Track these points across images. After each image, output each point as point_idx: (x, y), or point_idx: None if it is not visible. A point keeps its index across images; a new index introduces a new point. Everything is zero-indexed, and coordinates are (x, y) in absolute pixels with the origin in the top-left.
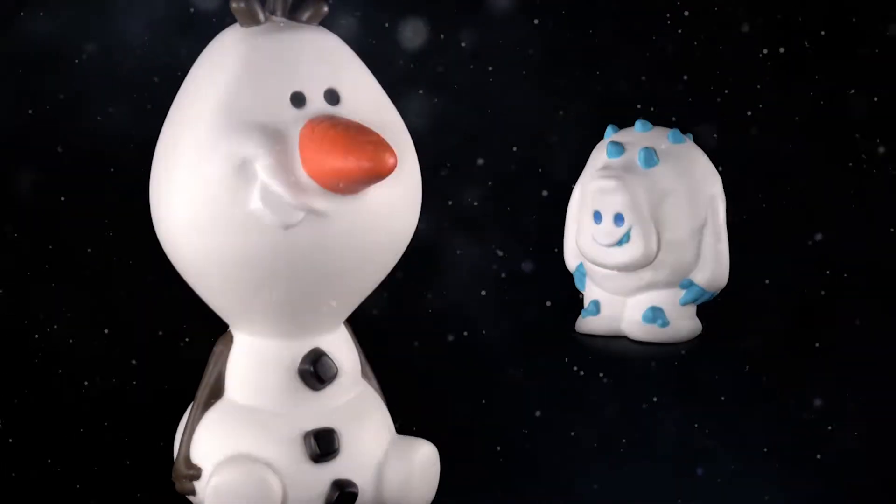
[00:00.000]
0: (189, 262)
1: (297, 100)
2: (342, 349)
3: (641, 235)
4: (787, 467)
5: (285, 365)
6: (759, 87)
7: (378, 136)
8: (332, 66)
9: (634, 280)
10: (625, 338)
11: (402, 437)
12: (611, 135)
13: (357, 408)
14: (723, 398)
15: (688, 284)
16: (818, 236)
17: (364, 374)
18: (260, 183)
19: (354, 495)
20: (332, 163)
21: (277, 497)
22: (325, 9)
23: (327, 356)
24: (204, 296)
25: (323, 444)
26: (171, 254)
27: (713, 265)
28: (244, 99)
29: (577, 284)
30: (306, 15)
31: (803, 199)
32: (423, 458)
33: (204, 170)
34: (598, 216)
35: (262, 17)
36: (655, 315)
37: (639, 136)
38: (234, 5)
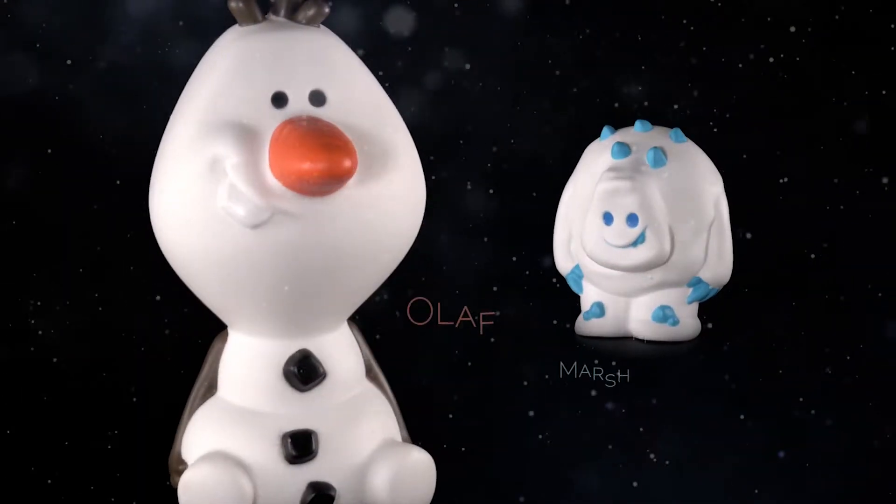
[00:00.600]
0: (175, 260)
1: (279, 100)
2: (337, 351)
3: (656, 235)
4: (788, 468)
5: (272, 365)
6: (756, 85)
7: (339, 138)
8: (321, 67)
9: (644, 280)
10: (631, 338)
11: (397, 443)
12: (608, 136)
13: (348, 410)
14: (744, 394)
15: (696, 282)
16: (819, 235)
17: (371, 377)
18: (228, 181)
19: (331, 498)
20: (291, 164)
21: (246, 497)
22: (327, 10)
23: (312, 358)
24: (196, 293)
25: (298, 446)
26: (163, 250)
27: (719, 263)
28: (226, 98)
29: (573, 287)
30: (306, 15)
31: (802, 200)
32: (411, 465)
33: (182, 168)
34: (608, 217)
35: (258, 16)
36: (666, 314)
37: (639, 136)
38: (231, 4)
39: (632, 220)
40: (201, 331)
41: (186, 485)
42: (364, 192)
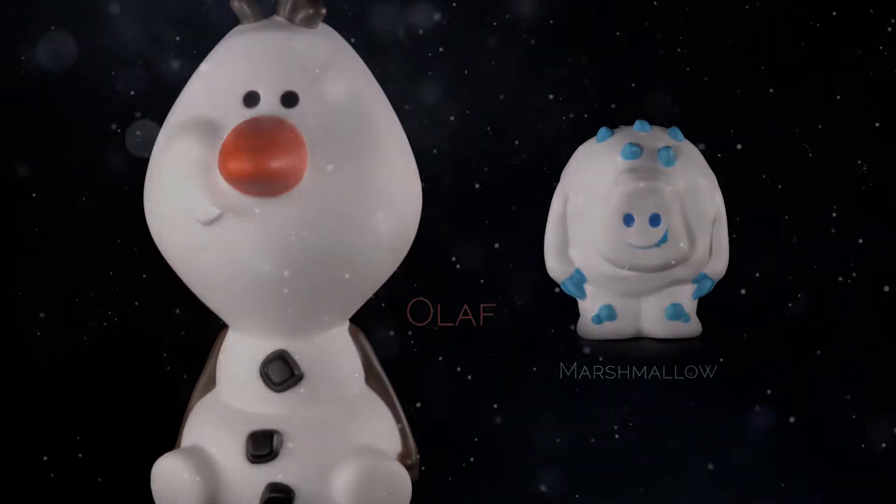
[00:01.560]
0: (165, 255)
1: (251, 99)
2: (322, 354)
3: (679, 234)
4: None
5: (253, 363)
6: (748, 79)
7: (273, 140)
8: (300, 68)
9: (659, 279)
10: (643, 339)
11: (371, 451)
12: (606, 137)
13: (324, 414)
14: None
15: (701, 278)
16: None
17: (371, 384)
18: (188, 178)
19: (286, 501)
20: (223, 163)
21: (197, 493)
22: (323, 11)
23: (286, 359)
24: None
25: (258, 445)
26: None
27: (719, 257)
28: (202, 95)
29: (573, 292)
30: (301, 16)
31: (798, 198)
32: (379, 475)
33: (157, 164)
34: (629, 219)
35: (255, 15)
36: (678, 311)
37: (639, 136)
38: (234, 4)
39: (654, 220)
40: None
41: (154, 474)
42: (321, 194)
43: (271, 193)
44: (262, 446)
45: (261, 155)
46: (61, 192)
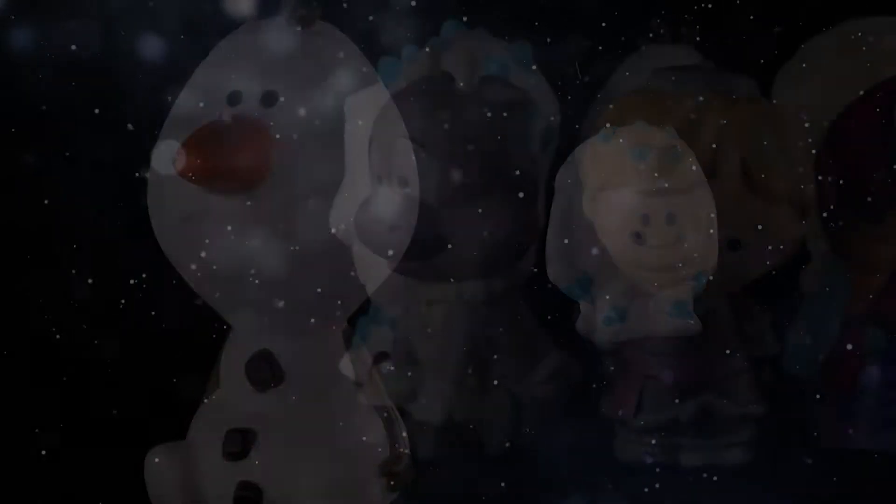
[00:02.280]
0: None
1: (234, 98)
2: (307, 356)
3: (691, 232)
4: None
5: (241, 362)
6: None
7: (221, 139)
8: (284, 68)
9: (668, 278)
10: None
11: (345, 458)
12: (609, 137)
13: (308, 416)
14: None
15: (699, 275)
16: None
17: (365, 389)
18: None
19: (253, 500)
20: (176, 162)
21: (177, 486)
22: (319, 11)
23: (266, 359)
24: None
25: (230, 443)
26: None
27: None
28: (196, 94)
29: (578, 296)
30: (297, 16)
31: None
32: (344, 483)
33: (152, 160)
34: (645, 218)
35: (257, 15)
36: (683, 309)
37: (642, 135)
38: (235, 5)
39: (670, 219)
40: None
41: (145, 466)
42: (293, 192)
43: (229, 191)
44: (234, 444)
45: (206, 154)
46: (66, 188)
